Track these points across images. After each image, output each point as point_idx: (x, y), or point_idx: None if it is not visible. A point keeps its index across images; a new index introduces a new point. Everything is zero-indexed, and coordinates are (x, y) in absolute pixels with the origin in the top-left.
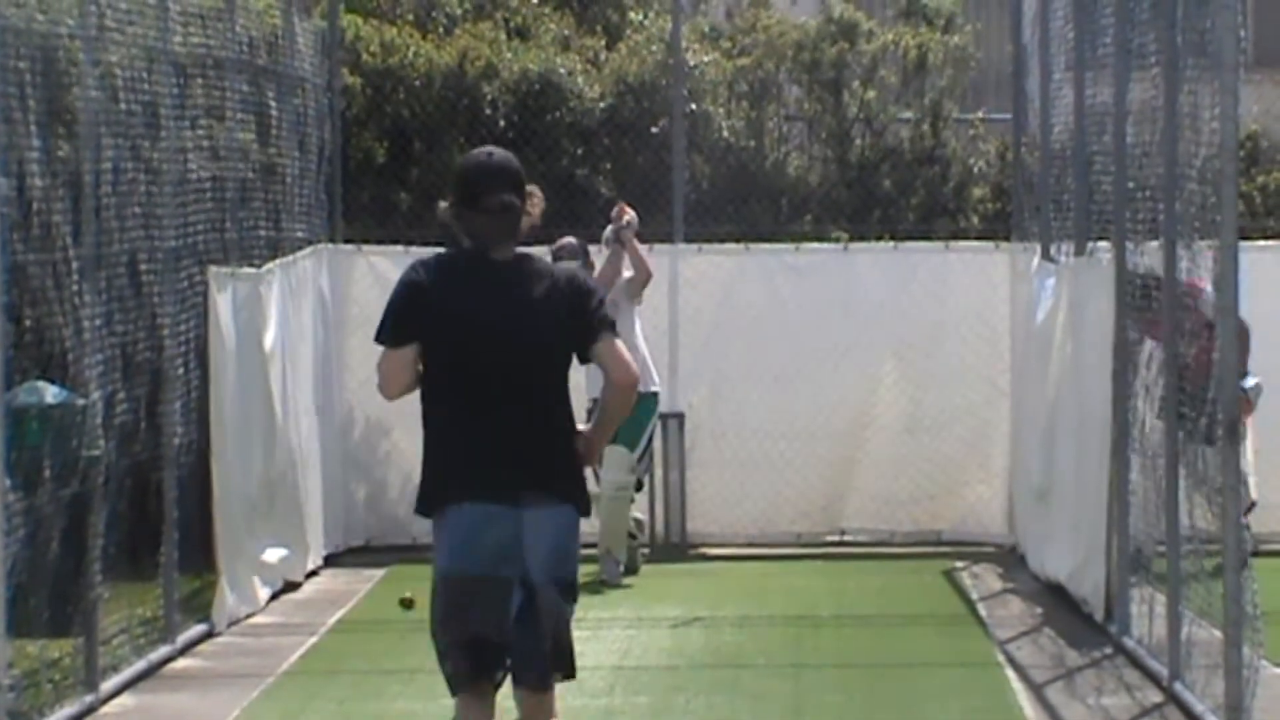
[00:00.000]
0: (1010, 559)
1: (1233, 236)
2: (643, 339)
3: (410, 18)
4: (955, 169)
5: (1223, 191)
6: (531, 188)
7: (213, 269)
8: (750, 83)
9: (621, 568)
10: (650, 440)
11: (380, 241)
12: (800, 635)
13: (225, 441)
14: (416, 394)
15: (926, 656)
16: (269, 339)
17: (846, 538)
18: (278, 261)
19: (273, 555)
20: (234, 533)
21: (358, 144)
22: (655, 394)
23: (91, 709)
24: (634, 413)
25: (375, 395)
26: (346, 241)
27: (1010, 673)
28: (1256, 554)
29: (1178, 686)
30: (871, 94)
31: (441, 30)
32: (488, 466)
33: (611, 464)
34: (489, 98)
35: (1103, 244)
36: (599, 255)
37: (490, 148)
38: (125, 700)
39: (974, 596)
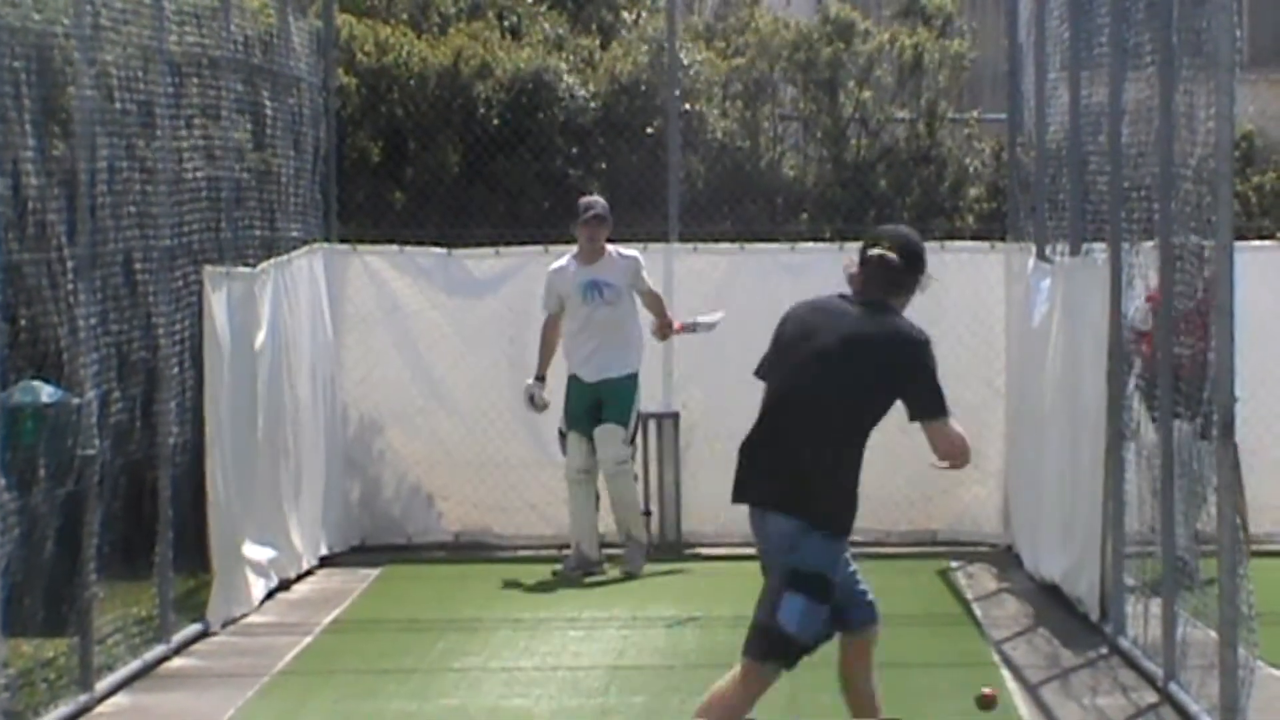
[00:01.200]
0: (1005, 559)
1: (1228, 236)
2: (641, 323)
3: (405, 17)
4: (951, 169)
5: (1218, 191)
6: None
7: (208, 268)
8: (745, 82)
9: (644, 551)
10: (637, 417)
11: (375, 241)
12: None
13: (220, 440)
14: (403, 391)
15: (922, 656)
16: (263, 338)
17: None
18: (272, 261)
19: (266, 554)
20: (228, 532)
21: (353, 143)
22: (635, 374)
23: (86, 708)
24: (619, 391)
25: (371, 394)
26: (341, 241)
27: (1005, 673)
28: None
29: (1173, 687)
30: (867, 94)
31: (436, 30)
32: (757, 478)
33: (605, 441)
34: (483, 97)
35: (1098, 244)
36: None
37: (903, 229)
38: (120, 700)
39: (969, 596)
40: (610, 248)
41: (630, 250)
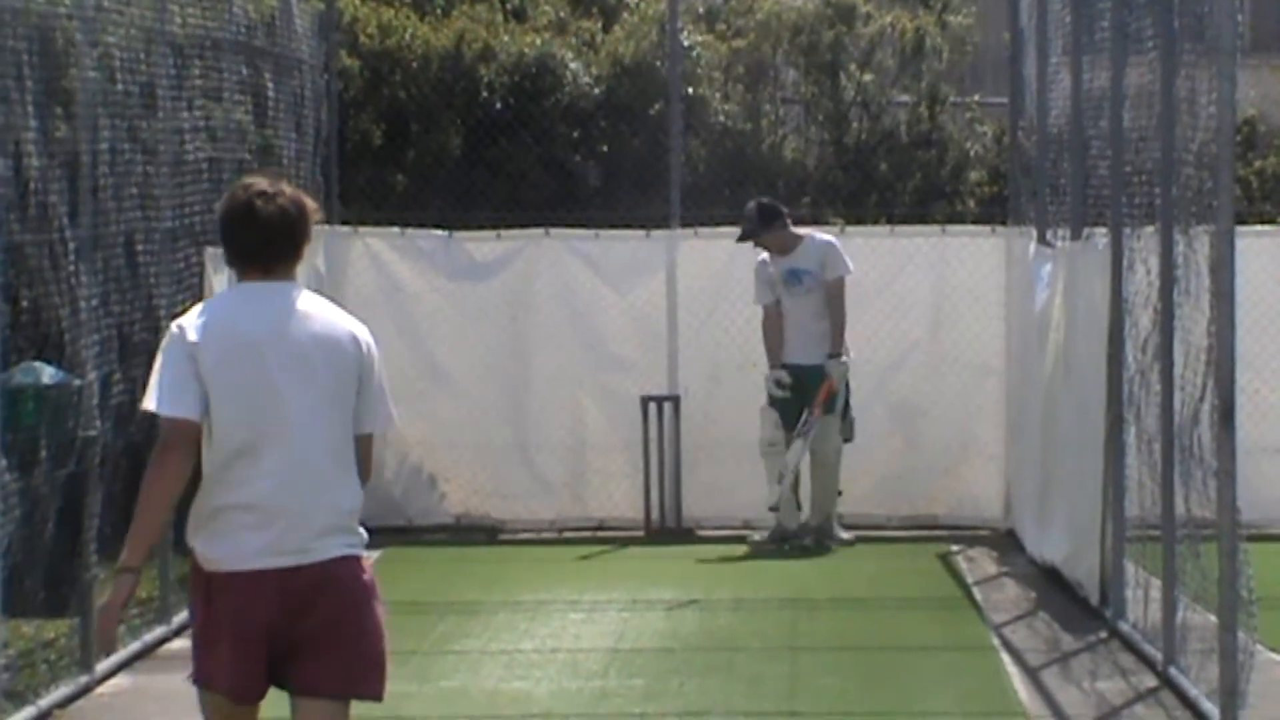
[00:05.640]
0: (1006, 543)
1: (1229, 221)
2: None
3: (407, 0)
4: (952, 153)
5: (1219, 176)
6: None
7: (209, 249)
8: (747, 65)
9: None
10: (843, 402)
11: (377, 223)
12: (795, 618)
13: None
14: (404, 374)
15: (921, 640)
16: None
17: (843, 521)
18: None
19: None
20: None
21: (355, 126)
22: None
23: (87, 689)
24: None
25: None
26: (343, 223)
27: (1005, 656)
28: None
29: (1173, 671)
30: (869, 77)
31: (439, 12)
32: None
33: (821, 433)
34: (486, 80)
35: (1099, 229)
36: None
37: None
38: (120, 681)
39: (969, 580)
40: (804, 234)
41: (825, 236)
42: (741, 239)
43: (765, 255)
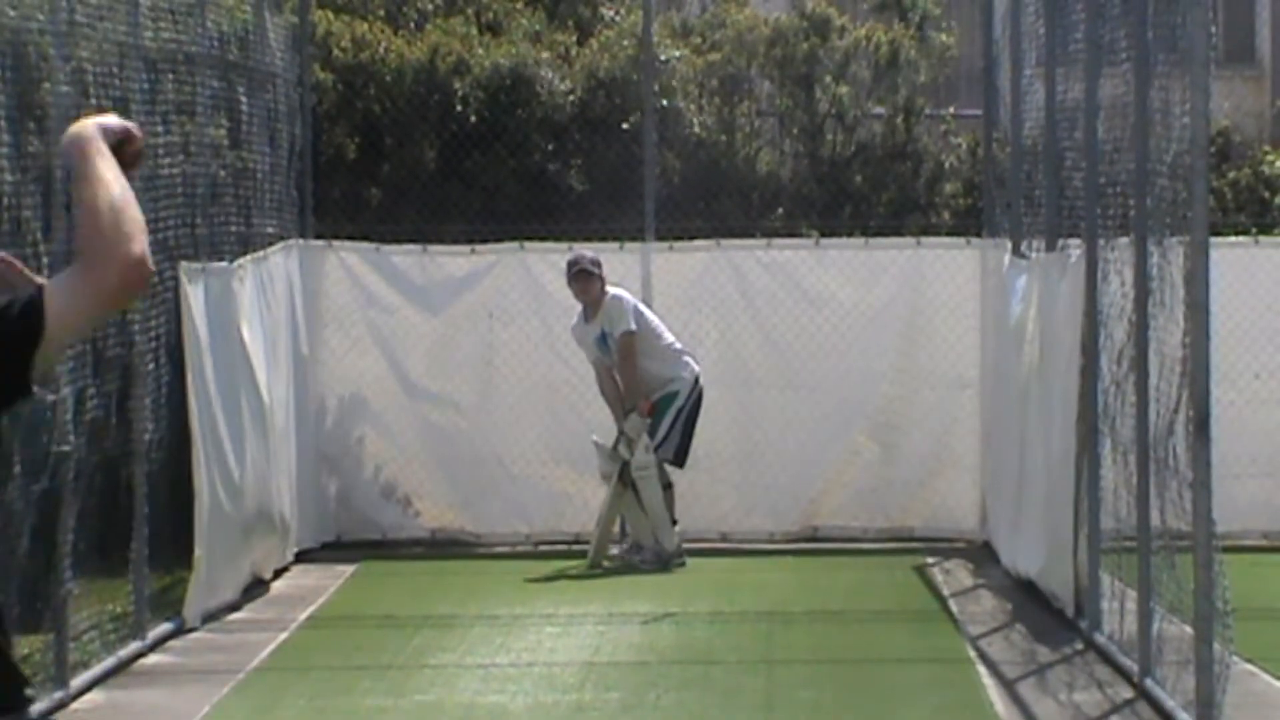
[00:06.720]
0: (982, 555)
1: (1203, 232)
2: (665, 337)
3: (381, 13)
4: (927, 165)
5: (1193, 187)
6: None
7: (183, 264)
8: (721, 78)
9: (654, 557)
10: (673, 425)
11: (351, 237)
12: (772, 631)
13: (204, 435)
14: (379, 388)
15: (898, 652)
16: (243, 333)
17: (819, 534)
18: (250, 257)
19: (245, 549)
20: (212, 527)
21: (329, 140)
22: (673, 393)
23: (62, 705)
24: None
25: (347, 391)
26: (317, 237)
27: (981, 668)
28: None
29: (1149, 682)
30: (843, 89)
31: (413, 26)
32: None
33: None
34: (460, 93)
35: (1074, 240)
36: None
37: None
38: (95, 696)
39: (945, 592)
40: (607, 293)
41: (613, 290)
42: (579, 278)
43: (575, 320)
